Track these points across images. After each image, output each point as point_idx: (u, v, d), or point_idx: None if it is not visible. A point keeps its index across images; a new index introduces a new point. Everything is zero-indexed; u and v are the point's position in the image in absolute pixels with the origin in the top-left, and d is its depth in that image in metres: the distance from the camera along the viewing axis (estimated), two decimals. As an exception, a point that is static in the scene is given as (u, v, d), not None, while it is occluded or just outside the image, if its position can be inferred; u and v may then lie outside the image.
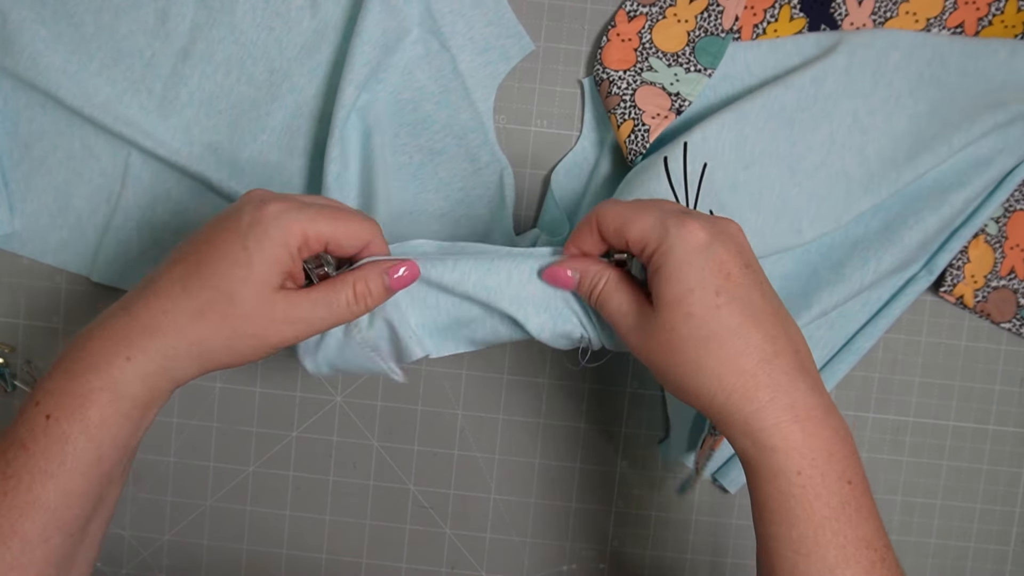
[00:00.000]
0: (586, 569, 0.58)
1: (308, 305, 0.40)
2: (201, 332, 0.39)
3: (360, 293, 0.41)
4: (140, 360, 0.39)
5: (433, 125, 0.54)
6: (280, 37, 0.54)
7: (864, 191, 0.52)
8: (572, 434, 0.58)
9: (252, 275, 0.38)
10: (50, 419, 0.38)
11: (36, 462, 0.38)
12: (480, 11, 0.54)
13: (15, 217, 0.56)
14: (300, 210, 0.39)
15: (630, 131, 0.53)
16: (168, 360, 0.39)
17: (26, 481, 0.37)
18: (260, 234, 0.38)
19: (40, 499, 0.37)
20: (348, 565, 0.58)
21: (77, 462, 0.38)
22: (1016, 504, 0.58)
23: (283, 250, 0.39)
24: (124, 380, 0.38)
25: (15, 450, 0.38)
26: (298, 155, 0.54)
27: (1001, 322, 0.56)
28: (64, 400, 0.38)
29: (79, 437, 0.38)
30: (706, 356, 0.38)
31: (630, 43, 0.54)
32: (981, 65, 0.53)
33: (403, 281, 0.42)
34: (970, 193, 0.53)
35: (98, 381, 0.38)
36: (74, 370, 0.39)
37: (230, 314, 0.39)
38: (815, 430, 0.37)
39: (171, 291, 0.39)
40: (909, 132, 0.53)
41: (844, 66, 0.53)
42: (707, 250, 0.38)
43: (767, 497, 0.38)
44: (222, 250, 0.39)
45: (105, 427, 0.38)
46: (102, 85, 0.54)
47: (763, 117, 0.52)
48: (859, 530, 0.37)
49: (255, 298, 0.39)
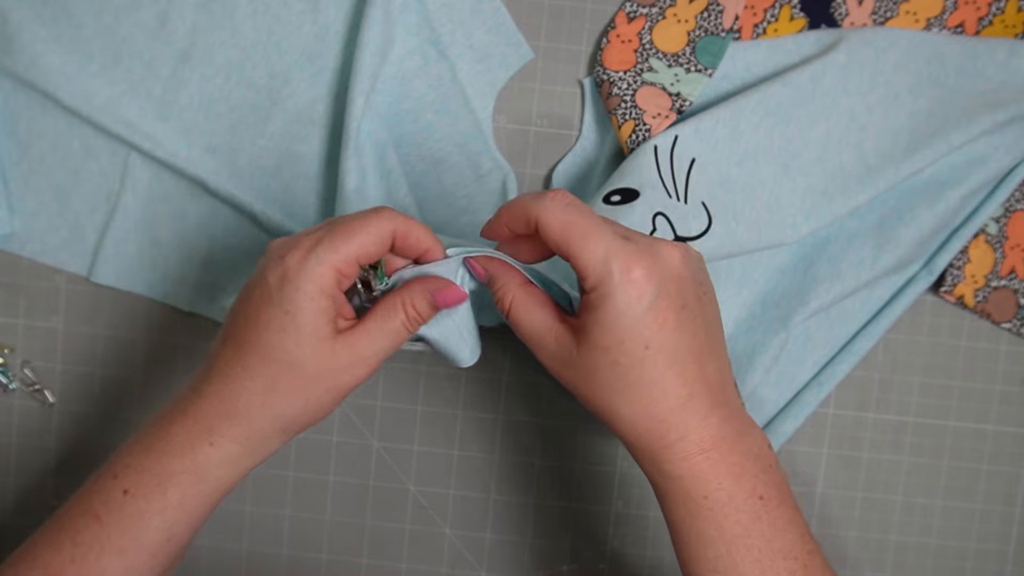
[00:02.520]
0: (586, 569, 0.58)
1: (368, 342, 0.39)
2: (278, 407, 0.39)
3: (411, 316, 0.40)
4: (224, 444, 0.39)
5: (434, 134, 0.54)
6: (280, 41, 0.54)
7: (860, 186, 0.52)
8: (572, 434, 0.58)
9: (304, 336, 0.38)
10: (127, 495, 0.38)
11: (109, 535, 0.38)
12: (479, 19, 0.54)
13: (14, 217, 0.56)
14: (318, 250, 0.38)
15: (631, 131, 0.53)
16: (252, 441, 0.39)
17: (95, 552, 0.38)
18: (293, 292, 0.37)
19: (105, 571, 0.38)
20: (348, 565, 0.58)
21: (148, 540, 0.38)
22: (1016, 504, 0.58)
23: (321, 297, 0.38)
24: (208, 465, 0.39)
25: (87, 520, 0.38)
26: (297, 160, 0.54)
27: (1001, 322, 0.56)
28: (144, 478, 0.38)
29: (155, 517, 0.38)
30: (623, 402, 0.38)
31: (630, 44, 0.54)
32: (980, 65, 0.53)
33: (450, 302, 0.41)
34: (967, 191, 0.53)
35: (180, 465, 0.39)
36: (156, 450, 0.39)
37: (298, 379, 0.38)
38: (721, 457, 0.38)
39: (234, 374, 0.39)
40: (907, 129, 0.53)
41: (843, 64, 0.53)
42: (646, 301, 0.36)
43: (680, 521, 0.39)
44: (265, 319, 0.38)
45: (182, 509, 0.39)
46: (102, 86, 0.54)
47: (759, 113, 0.52)
48: (774, 543, 0.38)
49: (317, 355, 0.38)
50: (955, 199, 0.53)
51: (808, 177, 0.53)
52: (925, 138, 0.52)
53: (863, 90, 0.53)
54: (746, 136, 0.52)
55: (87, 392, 0.57)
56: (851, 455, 0.58)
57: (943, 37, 0.54)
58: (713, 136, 0.52)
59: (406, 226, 0.39)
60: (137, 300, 0.57)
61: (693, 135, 0.51)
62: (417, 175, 0.55)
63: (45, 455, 0.58)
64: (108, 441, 0.57)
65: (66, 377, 0.57)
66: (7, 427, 0.57)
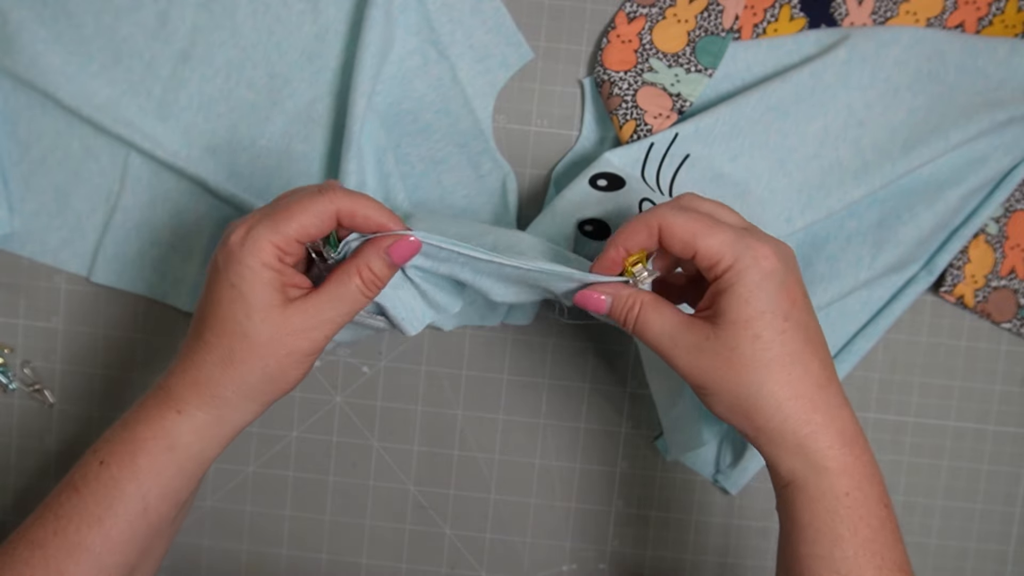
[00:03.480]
0: (586, 569, 0.58)
1: (323, 307, 0.41)
2: (237, 375, 0.40)
3: (368, 279, 0.41)
4: (190, 412, 0.40)
5: (434, 135, 0.54)
6: (281, 42, 0.54)
7: (857, 180, 0.52)
8: (572, 434, 0.58)
9: (251, 306, 0.39)
10: (102, 465, 0.40)
11: (86, 505, 0.39)
12: (479, 19, 0.54)
13: (14, 217, 0.56)
14: (258, 226, 0.39)
15: (632, 131, 0.53)
16: (218, 408, 0.41)
17: (75, 523, 0.39)
18: (236, 266, 0.39)
19: (85, 542, 0.39)
20: (348, 565, 0.58)
21: (124, 509, 0.39)
22: (1016, 504, 0.58)
23: (264, 270, 0.39)
24: (176, 432, 0.40)
25: (68, 493, 0.40)
26: (297, 159, 0.54)
27: (1001, 322, 0.56)
28: (117, 448, 0.40)
29: (128, 484, 0.39)
30: (768, 379, 0.38)
31: (630, 44, 0.54)
32: (980, 63, 0.53)
33: (403, 252, 0.41)
34: (965, 190, 0.53)
35: (150, 431, 0.40)
36: (129, 422, 0.41)
37: (252, 347, 0.40)
38: (859, 454, 0.39)
39: (197, 347, 0.41)
40: (906, 125, 0.53)
41: (844, 59, 0.53)
42: (778, 275, 0.38)
43: (812, 516, 0.38)
44: (216, 295, 0.40)
45: (153, 475, 0.40)
46: (101, 86, 0.54)
47: (759, 110, 0.52)
48: (893, 552, 0.39)
49: (266, 324, 0.39)
50: (954, 199, 0.53)
51: (804, 172, 0.53)
52: (923, 135, 0.52)
53: (863, 85, 0.53)
54: (744, 132, 0.52)
55: (87, 392, 0.57)
56: (851, 455, 0.58)
57: (944, 34, 0.54)
58: (712, 133, 0.52)
59: (351, 206, 0.40)
60: (137, 300, 0.57)
61: (693, 134, 0.52)
62: (417, 175, 0.55)
63: (45, 455, 0.58)
64: (108, 441, 0.57)
65: (66, 377, 0.57)
66: (7, 427, 0.57)
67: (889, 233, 0.54)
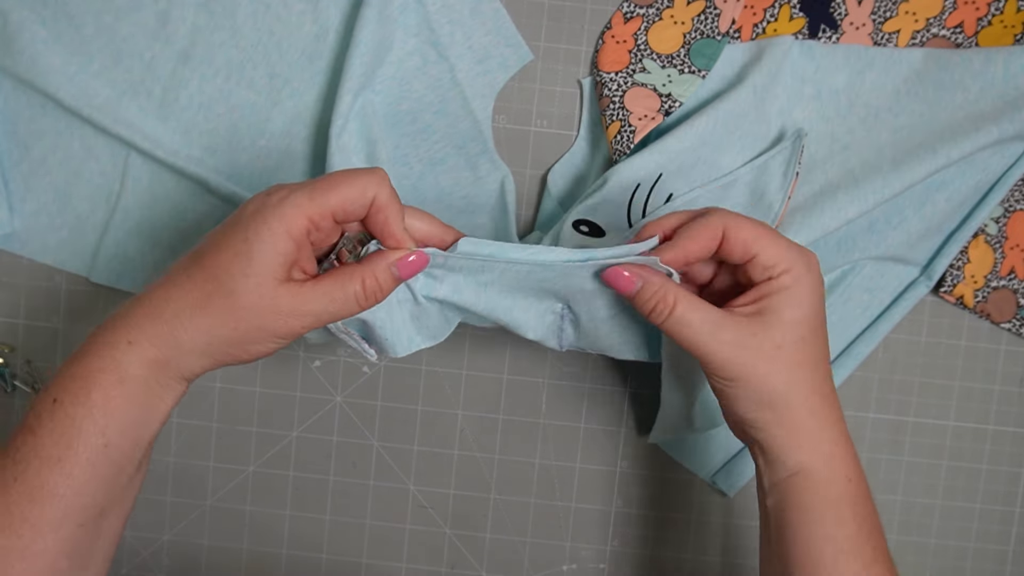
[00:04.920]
0: (586, 569, 0.58)
1: (315, 299, 0.39)
2: (203, 323, 0.38)
3: (370, 288, 0.40)
4: (142, 344, 0.38)
5: (432, 135, 0.54)
6: (281, 42, 0.54)
7: (849, 197, 0.52)
8: (572, 434, 0.58)
9: (252, 267, 0.38)
10: (56, 403, 0.38)
11: (43, 446, 0.37)
12: (478, 20, 0.54)
13: (15, 217, 0.56)
14: (297, 193, 0.38)
15: (617, 132, 0.53)
16: (171, 349, 0.39)
17: (35, 466, 0.37)
18: (260, 224, 0.38)
19: (48, 485, 0.37)
20: (348, 565, 0.58)
21: (84, 447, 0.37)
22: (1016, 504, 0.58)
23: (285, 239, 0.38)
24: (127, 362, 0.38)
25: (24, 435, 0.38)
26: (298, 160, 0.54)
27: (1001, 322, 0.56)
28: (69, 384, 0.38)
29: (84, 420, 0.37)
30: (801, 375, 0.41)
31: (625, 45, 0.54)
32: (957, 76, 0.53)
33: (412, 269, 0.41)
34: (952, 193, 0.54)
35: (99, 363, 0.38)
36: (80, 354, 0.39)
37: (231, 306, 0.38)
38: (852, 448, 0.42)
39: (177, 279, 0.39)
40: (891, 144, 0.54)
41: (812, 95, 0.54)
42: (822, 286, 0.42)
43: (820, 500, 0.41)
44: (226, 240, 0.38)
45: (109, 410, 0.38)
46: (102, 87, 0.54)
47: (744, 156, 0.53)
48: (879, 531, 0.42)
49: (256, 290, 0.38)
50: (942, 202, 0.54)
51: (794, 198, 0.53)
52: (911, 149, 0.53)
53: (841, 114, 0.54)
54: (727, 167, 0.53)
55: (87, 392, 0.57)
56: (851, 455, 0.58)
57: (917, 53, 0.54)
58: (692, 175, 0.52)
59: (387, 200, 0.39)
60: (137, 300, 0.57)
61: (676, 174, 0.52)
62: (415, 176, 0.55)
63: (45, 455, 0.58)
64: (108, 441, 0.57)
65: (66, 377, 0.57)
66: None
67: (878, 238, 0.54)
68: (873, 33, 0.54)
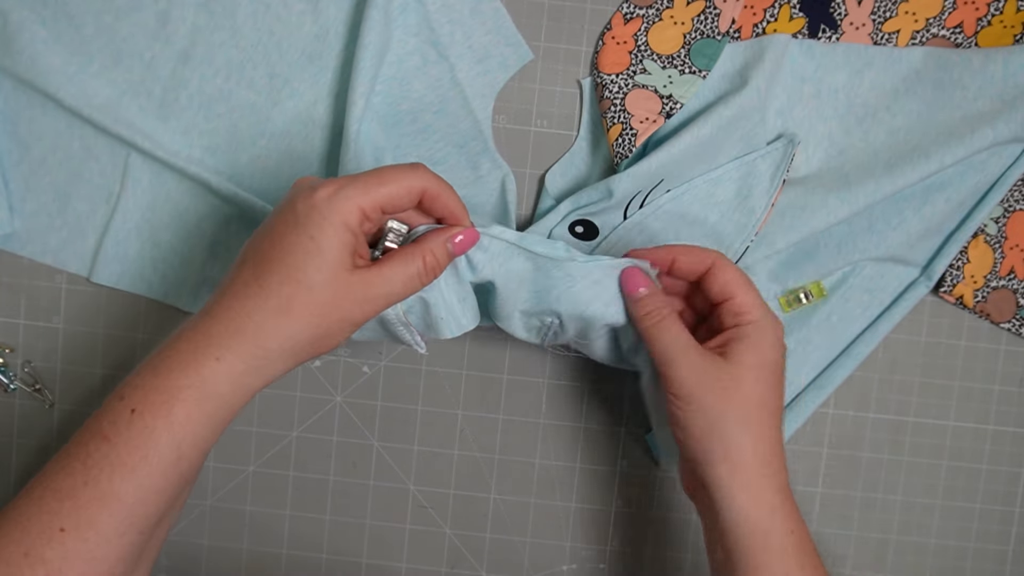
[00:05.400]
0: (586, 569, 0.58)
1: (384, 281, 0.41)
2: (289, 328, 0.40)
3: (429, 264, 0.42)
4: (230, 360, 0.39)
5: (433, 135, 0.54)
6: (281, 42, 0.54)
7: (840, 199, 0.52)
8: (572, 434, 0.58)
9: (326, 262, 0.39)
10: (135, 413, 0.38)
11: (118, 454, 0.38)
12: (478, 20, 0.54)
13: (15, 217, 0.56)
14: (349, 187, 0.40)
15: (618, 135, 0.53)
16: (258, 360, 0.40)
17: (107, 472, 0.38)
18: (320, 220, 0.39)
19: (119, 492, 0.38)
20: (348, 565, 0.58)
21: (158, 458, 0.38)
22: (1016, 504, 0.58)
23: (345, 230, 0.40)
24: (213, 380, 0.39)
25: (97, 442, 0.38)
26: (297, 159, 0.54)
27: (1001, 322, 0.56)
28: (151, 396, 0.39)
29: (162, 433, 0.38)
30: (754, 419, 0.43)
31: (625, 46, 0.54)
32: (956, 75, 0.53)
33: (464, 246, 0.43)
34: (952, 194, 0.54)
35: (186, 379, 0.39)
36: (161, 368, 0.39)
37: (313, 303, 0.39)
38: (794, 503, 0.44)
39: (250, 292, 0.40)
40: (887, 146, 0.54)
41: (812, 93, 0.55)
42: (781, 347, 0.45)
43: (762, 551, 0.42)
44: (289, 242, 0.40)
45: (189, 426, 0.39)
46: (102, 87, 0.54)
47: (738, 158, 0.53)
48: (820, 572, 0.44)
49: (334, 283, 0.40)
50: (941, 203, 0.54)
51: (787, 195, 0.53)
52: (905, 153, 0.53)
53: (840, 113, 0.54)
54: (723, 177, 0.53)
55: (87, 392, 0.57)
56: (851, 455, 0.58)
57: (916, 52, 0.54)
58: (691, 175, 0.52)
59: (438, 187, 0.42)
60: (137, 300, 0.57)
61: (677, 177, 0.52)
62: (417, 176, 0.55)
63: (45, 455, 0.58)
64: (108, 441, 0.57)
65: (66, 377, 0.57)
66: (7, 427, 0.57)
67: (878, 239, 0.54)
68: (873, 33, 0.54)
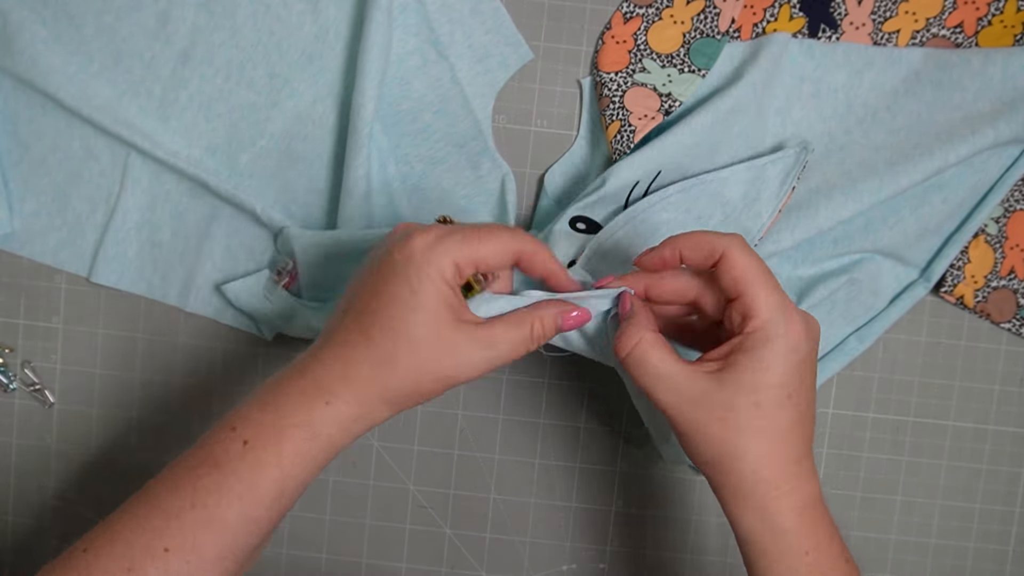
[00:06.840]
0: (586, 569, 0.58)
1: (490, 344, 0.40)
2: (390, 380, 0.40)
3: (536, 334, 0.41)
4: (338, 405, 0.40)
5: (433, 135, 0.54)
6: (281, 42, 0.54)
7: (845, 197, 0.52)
8: (572, 434, 0.58)
9: (427, 316, 0.39)
10: (247, 445, 0.39)
11: (228, 481, 0.39)
12: (478, 19, 0.54)
13: (14, 217, 0.56)
14: (446, 240, 0.39)
15: (616, 132, 0.53)
16: (363, 408, 0.40)
17: (215, 497, 0.38)
18: (418, 271, 0.39)
19: (225, 519, 0.38)
20: (348, 565, 0.58)
21: (265, 491, 0.39)
22: (1016, 504, 0.58)
23: (442, 284, 0.39)
24: (322, 422, 0.40)
25: (208, 467, 0.39)
26: (297, 159, 0.54)
27: (1001, 322, 0.56)
28: (263, 431, 0.39)
29: (271, 468, 0.39)
30: (753, 446, 0.39)
31: (624, 45, 0.54)
32: (955, 76, 0.53)
33: (575, 323, 0.43)
34: (949, 195, 0.54)
35: (297, 419, 0.39)
36: (273, 405, 0.40)
37: (415, 361, 0.39)
38: (819, 516, 0.41)
39: (355, 341, 0.40)
40: (888, 145, 0.54)
41: (811, 92, 0.54)
42: (800, 353, 0.39)
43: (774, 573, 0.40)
44: (390, 295, 0.39)
45: (295, 463, 0.39)
46: (102, 87, 0.54)
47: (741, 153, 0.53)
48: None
49: (437, 340, 0.39)
50: (938, 203, 0.54)
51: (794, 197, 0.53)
52: (907, 152, 0.53)
53: (839, 113, 0.54)
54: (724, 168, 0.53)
55: (87, 392, 0.57)
56: (850, 455, 0.58)
57: (916, 52, 0.54)
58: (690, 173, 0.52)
59: (533, 249, 0.41)
60: (137, 300, 0.57)
61: (675, 171, 0.52)
62: (416, 176, 0.55)
63: (45, 455, 0.58)
64: (108, 441, 0.57)
65: (66, 377, 0.57)
66: (7, 427, 0.57)
67: (875, 237, 0.54)
68: (873, 33, 0.54)
